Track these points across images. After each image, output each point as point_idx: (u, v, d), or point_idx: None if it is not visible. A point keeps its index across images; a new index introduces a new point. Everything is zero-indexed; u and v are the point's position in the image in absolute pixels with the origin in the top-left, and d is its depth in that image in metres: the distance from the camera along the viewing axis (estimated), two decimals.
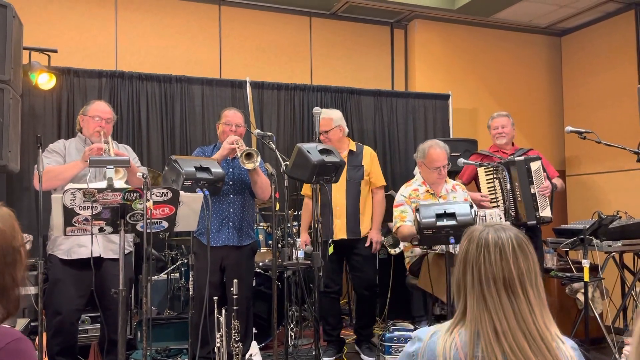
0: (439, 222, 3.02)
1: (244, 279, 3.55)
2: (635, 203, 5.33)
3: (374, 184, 4.10)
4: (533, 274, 1.36)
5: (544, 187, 4.04)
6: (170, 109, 4.95)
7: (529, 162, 4.05)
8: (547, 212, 4.04)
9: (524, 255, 1.36)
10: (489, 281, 1.34)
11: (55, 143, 3.42)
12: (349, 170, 3.97)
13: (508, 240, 1.37)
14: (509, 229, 1.40)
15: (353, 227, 3.97)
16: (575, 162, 6.51)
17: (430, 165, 3.66)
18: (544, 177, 4.07)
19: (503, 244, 1.36)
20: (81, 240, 3.17)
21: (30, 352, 1.29)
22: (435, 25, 6.20)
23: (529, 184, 4.02)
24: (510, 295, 1.32)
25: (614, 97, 6.02)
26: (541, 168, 4.07)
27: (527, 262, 1.36)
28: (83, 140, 3.43)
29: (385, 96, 5.78)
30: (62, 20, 4.98)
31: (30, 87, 4.30)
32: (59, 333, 3.19)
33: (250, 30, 5.64)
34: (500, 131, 4.36)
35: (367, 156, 4.12)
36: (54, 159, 3.28)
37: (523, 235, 1.40)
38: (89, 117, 3.39)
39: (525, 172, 4.02)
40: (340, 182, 3.91)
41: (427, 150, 3.68)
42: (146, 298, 2.68)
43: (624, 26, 5.96)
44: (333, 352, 3.95)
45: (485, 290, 1.34)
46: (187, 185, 2.93)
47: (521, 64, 6.61)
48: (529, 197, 4.01)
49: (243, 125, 3.70)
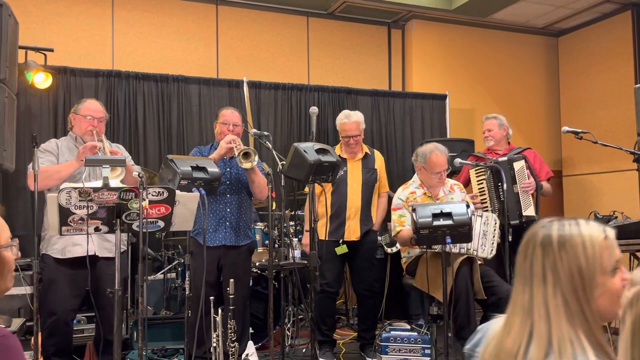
0: (435, 222, 3.01)
1: (241, 278, 3.54)
2: (632, 203, 5.34)
3: (381, 188, 4.16)
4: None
5: (527, 183, 4.08)
6: (167, 108, 4.94)
7: (512, 162, 4.09)
8: (530, 211, 4.07)
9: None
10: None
11: (47, 143, 3.40)
12: (364, 172, 4.02)
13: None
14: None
15: (364, 229, 4.00)
16: (571, 162, 6.52)
17: (432, 171, 3.65)
18: (527, 175, 4.11)
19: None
20: (75, 239, 3.15)
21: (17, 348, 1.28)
22: (432, 25, 6.20)
23: (512, 184, 4.06)
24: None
25: (611, 98, 6.03)
26: (524, 167, 4.10)
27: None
28: (74, 139, 3.40)
29: (382, 96, 5.78)
30: (58, 19, 4.97)
31: (26, 86, 4.28)
32: (54, 333, 3.18)
33: (248, 29, 5.63)
34: (487, 135, 4.44)
35: (379, 160, 4.18)
36: (48, 159, 3.26)
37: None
38: (81, 116, 3.37)
39: (509, 172, 4.05)
40: (356, 184, 3.97)
41: (428, 156, 3.65)
42: (142, 298, 2.68)
43: (621, 27, 5.97)
44: (331, 353, 3.94)
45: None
46: (183, 184, 2.93)
47: (518, 64, 6.62)
48: (512, 197, 4.04)
49: (240, 124, 3.70)
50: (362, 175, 4.00)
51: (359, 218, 3.98)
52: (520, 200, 4.05)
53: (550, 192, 4.43)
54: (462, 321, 3.28)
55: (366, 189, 4.03)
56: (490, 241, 3.45)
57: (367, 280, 4.02)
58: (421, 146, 3.86)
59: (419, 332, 3.82)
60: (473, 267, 3.43)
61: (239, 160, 3.31)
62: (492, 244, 3.45)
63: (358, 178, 3.99)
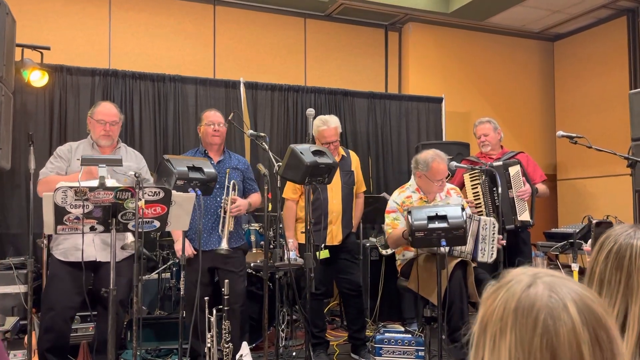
0: (430, 225, 3.03)
1: (235, 280, 3.55)
2: (625, 208, 5.38)
3: (358, 189, 4.14)
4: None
5: (522, 191, 4.09)
6: (163, 108, 4.94)
7: (507, 167, 4.10)
8: (525, 216, 4.08)
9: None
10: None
11: (62, 147, 3.42)
12: (342, 176, 3.99)
13: None
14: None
15: (346, 233, 4.01)
16: (566, 167, 6.56)
17: (433, 178, 3.64)
18: (523, 182, 4.11)
19: None
20: (78, 244, 3.16)
21: None
22: (429, 28, 6.23)
23: (508, 189, 4.07)
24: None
25: (605, 103, 6.07)
26: (520, 172, 4.11)
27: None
28: (91, 145, 3.41)
29: (378, 98, 5.80)
30: (55, 18, 4.96)
31: (23, 84, 4.27)
32: (51, 329, 3.19)
33: (245, 30, 5.64)
34: (483, 140, 4.42)
35: (355, 161, 4.15)
36: (57, 165, 3.29)
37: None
38: (95, 120, 3.38)
39: (504, 177, 4.06)
40: (336, 188, 3.94)
41: (430, 164, 3.61)
42: (137, 298, 2.68)
43: (616, 32, 6.01)
44: (325, 355, 3.95)
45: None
46: (179, 184, 2.93)
47: (514, 68, 6.65)
48: (507, 202, 4.05)
49: (224, 123, 3.72)
50: (340, 179, 3.96)
51: (340, 222, 3.97)
52: (515, 205, 4.06)
53: (547, 193, 4.43)
54: (456, 324, 3.29)
55: (346, 192, 4.01)
56: (490, 245, 3.46)
57: (352, 280, 4.02)
58: (419, 152, 3.85)
59: (413, 334, 3.83)
60: (467, 270, 3.44)
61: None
62: (491, 247, 3.46)
63: (337, 182, 3.95)
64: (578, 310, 0.78)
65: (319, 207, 3.86)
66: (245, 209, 3.65)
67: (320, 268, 3.93)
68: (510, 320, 0.81)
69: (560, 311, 0.78)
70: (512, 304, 0.81)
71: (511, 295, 0.82)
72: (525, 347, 0.78)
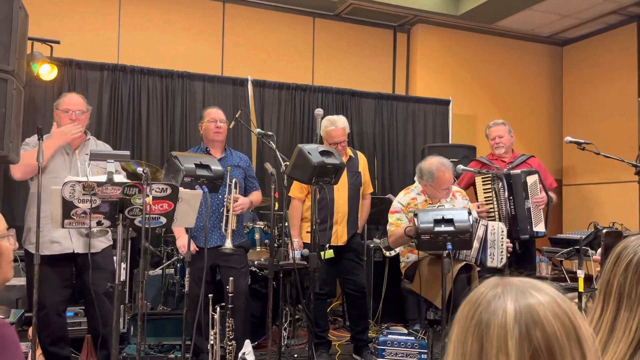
0: (436, 228, 3.03)
1: (238, 277, 3.55)
2: (631, 215, 5.35)
3: (365, 190, 4.14)
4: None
5: (538, 199, 3.99)
6: (170, 104, 4.95)
7: (525, 176, 3.98)
8: (541, 227, 3.99)
9: None
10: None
11: (30, 138, 3.37)
12: (350, 176, 3.99)
13: None
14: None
15: (351, 233, 4.00)
16: (572, 172, 6.53)
17: (439, 188, 3.62)
18: (540, 189, 4.02)
19: None
20: (54, 236, 3.16)
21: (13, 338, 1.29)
22: (438, 30, 6.21)
23: (525, 198, 3.95)
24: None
25: (613, 109, 6.04)
26: (537, 182, 4.01)
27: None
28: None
29: (385, 99, 5.79)
30: (65, 12, 4.97)
31: (32, 77, 4.28)
32: (47, 326, 3.20)
33: (253, 28, 5.64)
34: (498, 141, 4.28)
35: (362, 162, 4.15)
36: (26, 149, 3.26)
37: None
38: (60, 110, 3.36)
39: (522, 186, 3.96)
40: (342, 189, 3.94)
41: (435, 174, 3.56)
42: (141, 293, 2.68)
43: (626, 38, 5.99)
44: (327, 355, 3.95)
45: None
46: (186, 181, 2.93)
47: (522, 72, 6.63)
48: (523, 212, 3.95)
49: (226, 121, 3.73)
50: (347, 179, 3.95)
51: (346, 223, 3.96)
52: (532, 215, 3.96)
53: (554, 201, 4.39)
54: None
55: (353, 192, 4.00)
56: (499, 249, 3.42)
57: (356, 281, 4.02)
58: (423, 159, 3.80)
59: (416, 336, 3.83)
60: (472, 274, 3.44)
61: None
62: (501, 252, 3.42)
63: (344, 182, 3.94)
64: (516, 309, 0.83)
65: (325, 207, 3.86)
66: (247, 207, 3.65)
67: (325, 268, 3.93)
68: (459, 314, 0.90)
69: (498, 307, 0.84)
70: (467, 302, 0.90)
71: (474, 294, 0.90)
72: (461, 337, 0.86)
